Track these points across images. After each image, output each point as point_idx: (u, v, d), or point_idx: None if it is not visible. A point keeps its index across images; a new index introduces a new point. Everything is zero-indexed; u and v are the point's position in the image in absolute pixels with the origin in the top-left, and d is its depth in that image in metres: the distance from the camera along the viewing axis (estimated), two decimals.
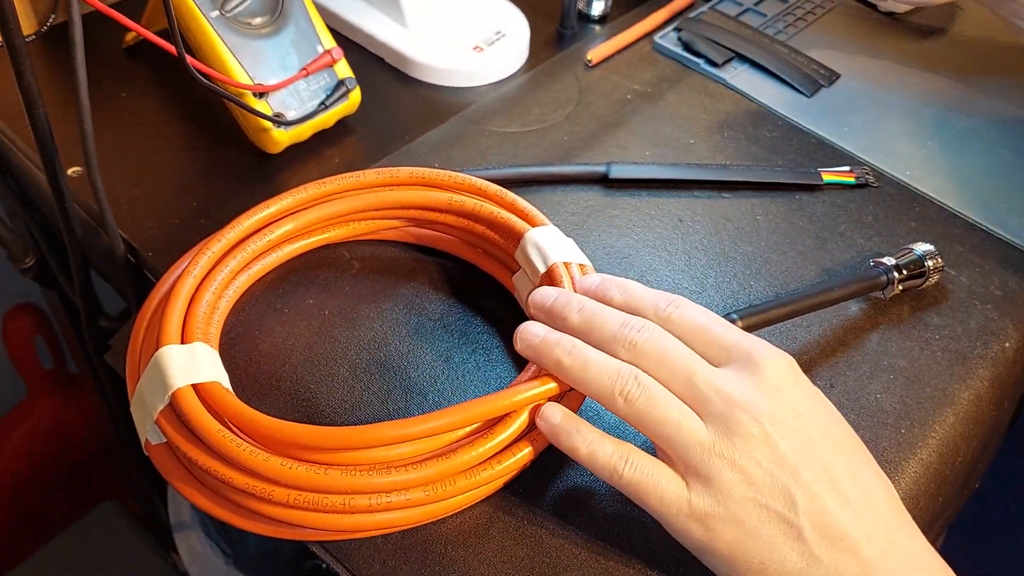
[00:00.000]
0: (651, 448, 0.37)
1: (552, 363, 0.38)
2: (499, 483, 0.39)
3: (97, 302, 0.62)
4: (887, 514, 0.34)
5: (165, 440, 0.38)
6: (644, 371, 0.36)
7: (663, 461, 0.36)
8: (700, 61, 0.65)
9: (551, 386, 0.38)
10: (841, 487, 0.34)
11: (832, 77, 0.65)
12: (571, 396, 0.40)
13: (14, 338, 0.90)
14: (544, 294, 0.41)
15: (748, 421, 0.34)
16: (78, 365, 0.97)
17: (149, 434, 0.38)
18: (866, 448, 0.37)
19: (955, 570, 0.35)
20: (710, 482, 0.34)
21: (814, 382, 0.37)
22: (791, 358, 0.37)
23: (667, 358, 0.36)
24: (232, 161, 0.55)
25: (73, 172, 0.53)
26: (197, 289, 0.42)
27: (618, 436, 0.37)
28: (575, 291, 0.42)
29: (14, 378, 0.95)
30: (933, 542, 0.36)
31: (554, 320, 0.40)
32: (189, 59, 0.46)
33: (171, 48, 0.45)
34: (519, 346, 0.39)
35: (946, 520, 0.49)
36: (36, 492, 0.98)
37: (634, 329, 0.37)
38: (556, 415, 0.38)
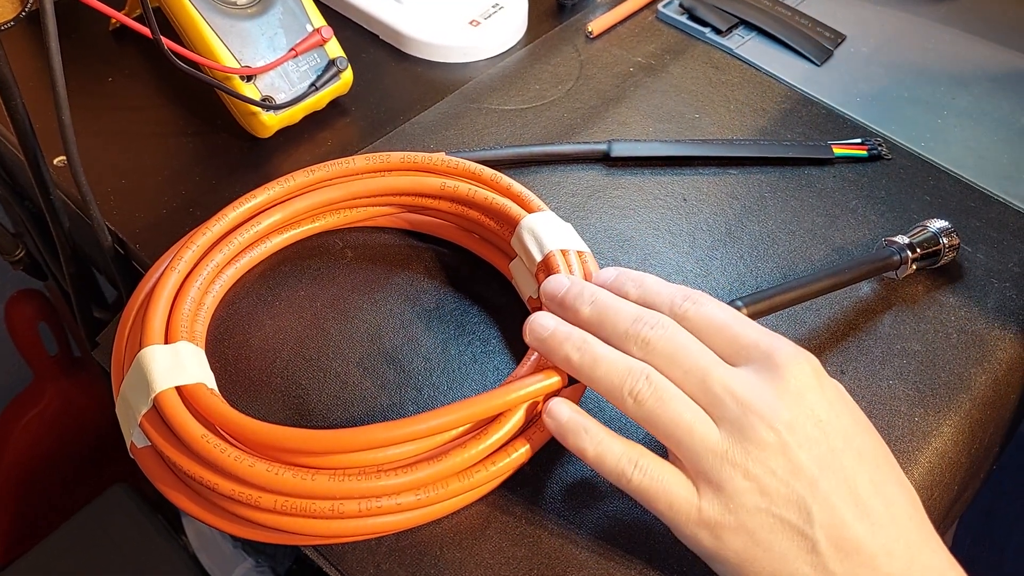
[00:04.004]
0: (660, 445, 0.35)
1: (561, 359, 0.36)
2: (494, 484, 0.37)
3: (93, 292, 0.61)
4: (910, 528, 0.33)
5: (150, 443, 0.37)
6: (657, 370, 0.35)
7: (674, 463, 0.34)
8: (705, 30, 0.63)
9: (548, 382, 0.37)
10: (862, 500, 0.32)
11: (838, 39, 0.63)
12: (570, 389, 0.38)
13: (18, 324, 0.90)
14: (556, 283, 0.39)
15: (764, 428, 0.33)
16: (81, 351, 0.96)
17: (134, 437, 0.37)
18: (893, 458, 0.35)
19: (966, 560, 0.34)
20: (721, 490, 0.33)
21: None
22: (815, 360, 0.35)
23: (680, 357, 0.35)
24: (222, 146, 0.53)
25: (59, 162, 0.52)
26: (182, 285, 0.41)
27: (624, 428, 0.36)
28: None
29: (20, 364, 0.94)
30: (946, 532, 0.35)
31: (566, 312, 0.38)
32: (170, 44, 0.45)
33: (146, 31, 0.43)
34: (528, 338, 0.38)
35: (961, 507, 0.48)
36: (47, 476, 0.98)
37: (647, 325, 0.35)
38: (564, 412, 0.36)
